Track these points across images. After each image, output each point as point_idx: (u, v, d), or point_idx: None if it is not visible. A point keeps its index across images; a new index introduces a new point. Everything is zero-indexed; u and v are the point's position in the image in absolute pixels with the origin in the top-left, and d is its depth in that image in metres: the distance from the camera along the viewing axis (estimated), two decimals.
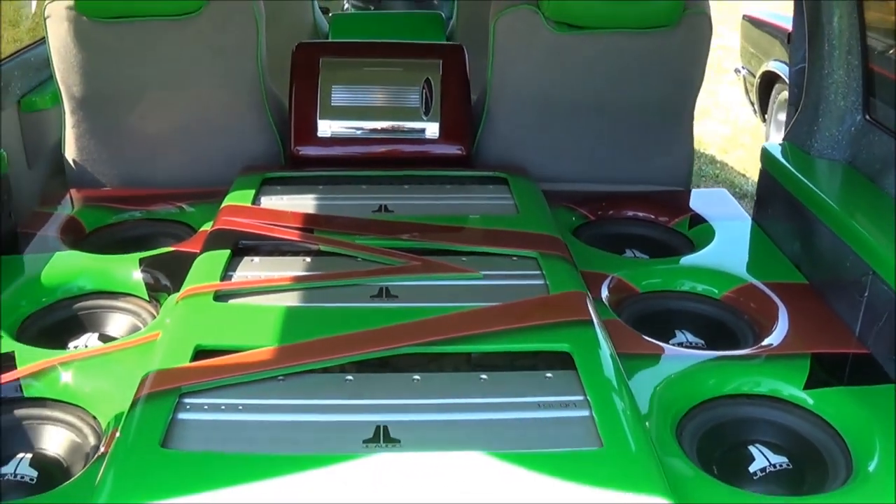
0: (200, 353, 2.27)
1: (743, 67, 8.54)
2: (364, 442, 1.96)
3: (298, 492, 1.81)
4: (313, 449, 1.95)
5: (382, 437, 1.98)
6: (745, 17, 8.60)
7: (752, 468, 2.28)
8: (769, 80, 7.78)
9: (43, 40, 4.18)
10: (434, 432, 2.02)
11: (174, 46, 3.70)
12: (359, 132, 3.76)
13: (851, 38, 3.18)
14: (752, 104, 8.33)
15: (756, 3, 9.44)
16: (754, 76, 8.09)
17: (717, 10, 11.91)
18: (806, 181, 3.16)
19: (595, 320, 2.45)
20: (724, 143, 9.17)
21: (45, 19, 3.66)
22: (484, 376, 2.22)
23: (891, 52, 3.31)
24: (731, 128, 9.57)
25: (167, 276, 2.95)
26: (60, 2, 3.63)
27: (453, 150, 3.77)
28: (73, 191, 3.75)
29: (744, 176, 7.87)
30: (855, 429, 2.30)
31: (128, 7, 3.62)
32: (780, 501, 2.13)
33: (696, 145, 8.72)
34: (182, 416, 2.06)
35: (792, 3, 3.50)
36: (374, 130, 3.76)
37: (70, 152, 3.82)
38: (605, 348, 2.32)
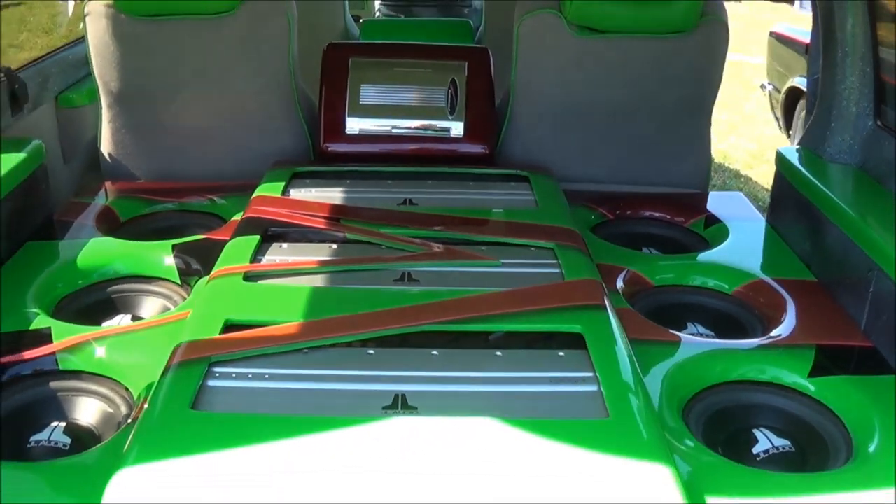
0: (229, 327, 2.37)
1: (769, 83, 8.61)
2: (383, 408, 2.06)
3: (320, 450, 1.90)
4: (335, 413, 2.04)
5: (401, 405, 2.08)
6: (771, 33, 8.68)
7: (755, 450, 2.36)
8: (794, 96, 7.84)
9: (80, 39, 4.32)
10: (449, 401, 2.12)
11: (209, 44, 3.81)
12: (386, 130, 3.86)
13: (863, 46, 3.27)
14: (777, 119, 8.40)
15: (781, 19, 9.54)
16: (780, 92, 8.16)
17: (747, 30, 12.02)
18: (818, 183, 3.24)
19: (607, 305, 2.54)
20: (750, 159, 9.23)
21: (84, 17, 3.76)
22: (499, 353, 2.32)
23: None
24: (757, 143, 9.63)
25: (199, 261, 3.06)
26: (100, 0, 3.74)
27: (477, 148, 3.87)
28: (107, 183, 3.87)
29: (767, 190, 7.93)
30: (856, 415, 2.37)
31: (166, 5, 3.74)
32: (781, 477, 2.20)
33: (721, 160, 8.81)
34: (211, 382, 2.16)
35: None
36: (400, 128, 3.86)
37: (106, 146, 3.93)
38: (616, 331, 2.41)
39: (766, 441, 2.39)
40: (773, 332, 2.75)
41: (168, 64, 3.84)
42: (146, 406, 2.12)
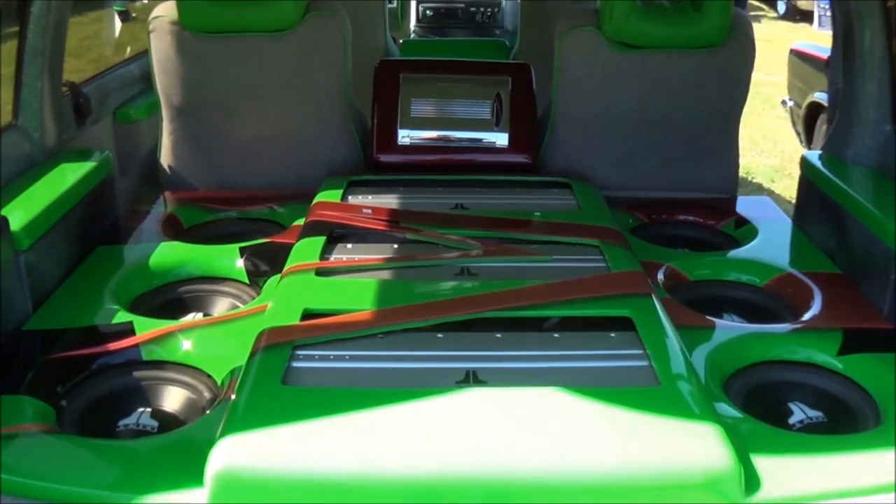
0: (307, 316, 2.60)
1: (790, 99, 8.71)
2: (456, 383, 2.28)
3: (402, 418, 2.13)
4: (413, 386, 2.27)
5: (472, 379, 2.30)
6: (791, 51, 8.80)
7: (791, 420, 2.58)
8: (815, 111, 7.95)
9: (135, 57, 4.54)
10: (515, 376, 2.34)
11: (268, 60, 3.98)
12: (435, 141, 4.07)
13: (881, 56, 3.50)
14: (799, 135, 8.52)
15: (800, 39, 9.69)
16: (801, 107, 8.26)
17: (767, 50, 12.13)
18: (840, 184, 3.46)
19: (652, 292, 2.78)
20: (772, 174, 9.40)
21: (148, 34, 3.93)
22: (556, 335, 2.56)
23: None
24: (779, 159, 9.79)
25: (266, 263, 3.26)
26: (164, 17, 3.91)
27: (521, 158, 4.07)
28: (167, 193, 4.05)
29: (790, 202, 8.09)
30: (881, 388, 2.58)
31: (228, 22, 3.90)
32: (816, 439, 2.42)
33: (745, 174, 8.98)
34: (296, 364, 2.38)
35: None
36: (448, 139, 4.07)
37: (166, 158, 4.11)
38: (662, 315, 2.63)
39: (800, 413, 2.61)
40: (803, 318, 2.96)
41: (228, 78, 4.01)
42: (240, 381, 2.34)
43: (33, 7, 3.37)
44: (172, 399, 2.65)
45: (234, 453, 2.03)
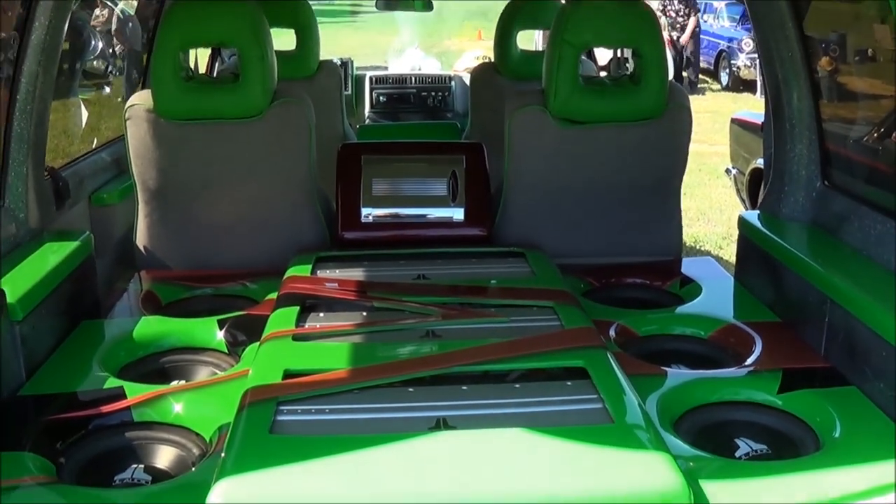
0: (288, 376, 2.79)
1: (734, 167, 8.92)
2: (429, 428, 2.49)
3: (380, 460, 2.33)
4: (391, 432, 2.47)
5: (443, 425, 2.50)
6: (733, 120, 9.01)
7: (737, 454, 2.82)
8: (758, 177, 8.02)
9: (108, 143, 4.75)
10: (482, 420, 2.55)
11: (239, 145, 4.16)
12: (396, 218, 4.30)
13: (809, 117, 3.77)
14: (744, 201, 8.66)
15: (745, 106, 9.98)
16: (744, 174, 8.44)
17: (714, 121, 12.53)
18: (776, 238, 3.72)
19: (603, 344, 3.01)
20: (719, 241, 9.71)
21: (125, 120, 4.10)
22: (517, 385, 2.78)
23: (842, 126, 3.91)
24: (726, 226, 10.10)
25: (243, 333, 3.45)
26: (140, 105, 4.09)
27: (476, 231, 4.29)
28: (142, 272, 4.21)
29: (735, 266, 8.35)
30: (820, 419, 2.82)
31: (200, 109, 4.08)
32: (761, 465, 2.68)
33: (693, 243, 9.25)
34: (281, 417, 2.56)
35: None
36: (409, 216, 4.30)
37: (141, 239, 4.26)
38: (614, 363, 2.85)
39: (746, 447, 2.84)
40: (746, 362, 3.21)
41: (201, 163, 4.19)
42: (230, 434, 2.52)
43: (18, 95, 3.58)
44: (164, 456, 2.84)
45: (231, 493, 2.21)
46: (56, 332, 3.45)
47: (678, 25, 20.18)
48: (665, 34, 14.93)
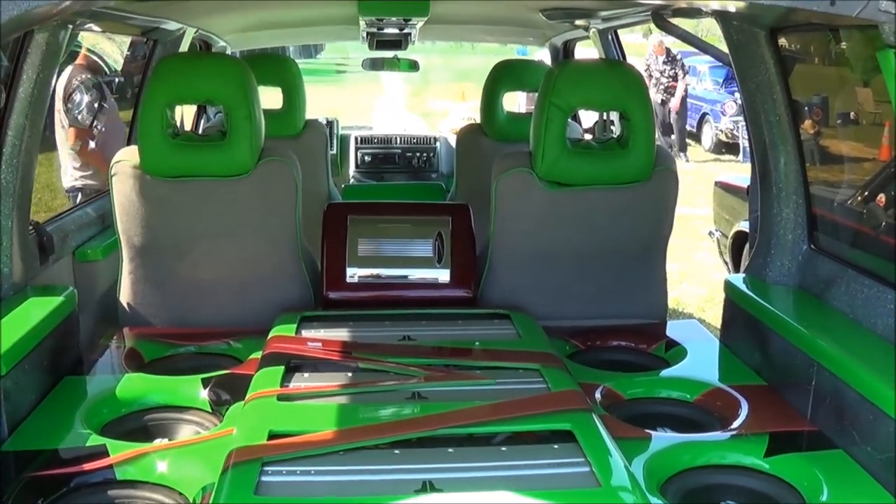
0: (273, 436, 2.78)
1: (717, 230, 8.99)
2: (414, 492, 2.47)
3: None
4: (376, 495, 2.46)
5: (429, 488, 2.48)
6: (716, 183, 9.07)
7: None
8: (741, 240, 8.06)
9: (90, 199, 4.73)
10: (468, 483, 2.53)
11: (225, 203, 4.15)
12: (381, 278, 4.29)
13: (795, 180, 3.78)
14: (727, 264, 8.72)
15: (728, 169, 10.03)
16: (727, 237, 8.51)
17: (696, 184, 12.58)
18: (762, 302, 3.73)
19: (590, 407, 3.00)
20: (702, 303, 9.71)
21: (111, 177, 4.08)
22: (504, 448, 2.76)
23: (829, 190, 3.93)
24: (708, 289, 10.10)
25: (227, 392, 3.42)
26: (126, 162, 4.07)
27: (462, 292, 4.29)
28: (126, 329, 4.18)
29: (718, 329, 8.36)
30: (807, 482, 2.83)
31: (187, 167, 4.07)
32: None
33: (675, 306, 9.25)
34: (266, 478, 2.55)
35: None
36: (394, 276, 4.30)
37: (125, 296, 4.24)
38: (600, 426, 2.84)
39: None
40: (732, 426, 3.20)
41: (187, 220, 4.18)
42: (214, 494, 2.50)
43: (4, 148, 3.57)
44: None
45: None
46: (38, 387, 3.42)
47: (662, 87, 20.21)
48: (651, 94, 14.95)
